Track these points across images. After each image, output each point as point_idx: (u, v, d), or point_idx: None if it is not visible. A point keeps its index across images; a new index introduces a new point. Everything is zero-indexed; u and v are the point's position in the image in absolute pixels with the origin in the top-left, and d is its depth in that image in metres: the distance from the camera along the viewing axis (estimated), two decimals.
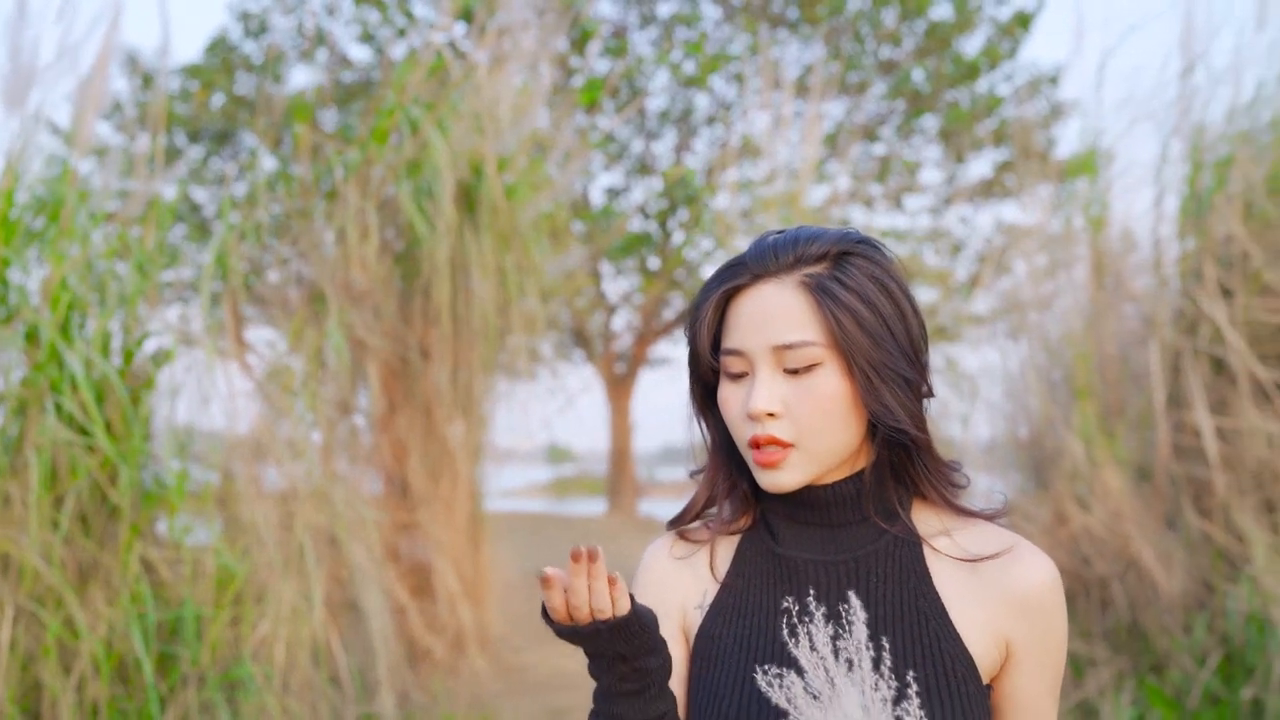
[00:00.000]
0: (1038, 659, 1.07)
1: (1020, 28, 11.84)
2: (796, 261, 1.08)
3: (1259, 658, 4.06)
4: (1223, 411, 4.66)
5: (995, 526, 1.12)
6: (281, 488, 4.13)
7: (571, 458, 25.65)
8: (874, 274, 1.08)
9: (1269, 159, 4.78)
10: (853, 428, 1.08)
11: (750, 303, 1.09)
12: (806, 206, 6.50)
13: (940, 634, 1.05)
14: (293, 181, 5.01)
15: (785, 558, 1.13)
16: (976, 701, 1.04)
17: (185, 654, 3.50)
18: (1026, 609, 1.06)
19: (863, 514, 1.12)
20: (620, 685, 1.03)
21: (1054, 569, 1.09)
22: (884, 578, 1.09)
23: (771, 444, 1.07)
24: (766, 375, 1.07)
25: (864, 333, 1.05)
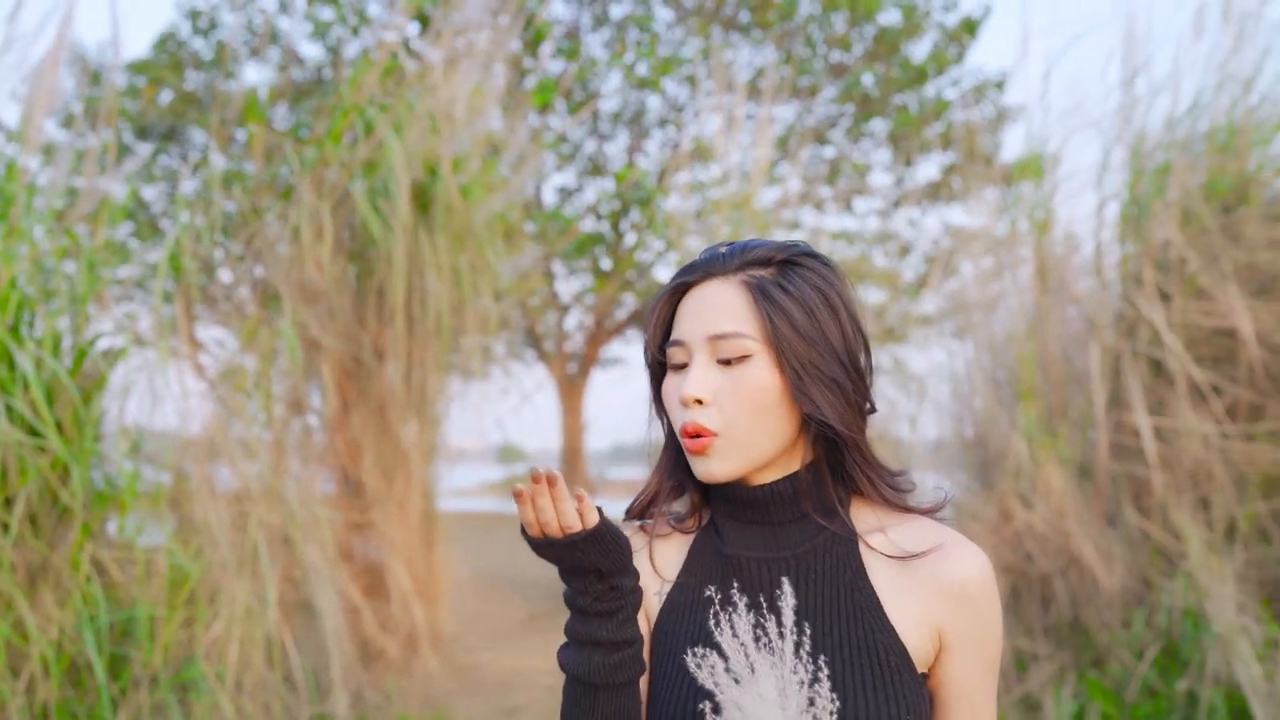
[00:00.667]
0: (971, 649, 1.11)
1: (967, 34, 12.01)
2: (743, 264, 1.14)
3: (1194, 651, 4.18)
4: (1161, 412, 4.78)
5: (931, 521, 1.16)
6: (234, 488, 4.11)
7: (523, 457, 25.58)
8: (816, 284, 1.14)
9: (1205, 167, 4.91)
10: (781, 422, 1.12)
11: (695, 297, 1.15)
12: (758, 208, 6.56)
13: (874, 627, 1.09)
14: (246, 180, 4.98)
15: (730, 556, 1.17)
16: (911, 691, 1.08)
17: (137, 655, 3.48)
18: (958, 601, 1.10)
19: (801, 511, 1.16)
20: (596, 605, 1.09)
21: (985, 562, 1.13)
22: (821, 573, 1.13)
23: (699, 432, 1.11)
24: (701, 364, 1.12)
25: (797, 333, 1.10)
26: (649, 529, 1.24)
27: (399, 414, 5.05)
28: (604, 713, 1.11)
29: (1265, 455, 4.54)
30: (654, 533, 1.24)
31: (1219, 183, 4.83)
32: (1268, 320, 4.55)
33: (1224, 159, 4.92)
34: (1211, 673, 4.04)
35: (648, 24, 11.83)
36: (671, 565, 1.21)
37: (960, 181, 10.68)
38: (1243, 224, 4.77)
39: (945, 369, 5.98)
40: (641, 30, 11.92)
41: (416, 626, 5.05)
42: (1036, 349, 5.23)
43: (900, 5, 11.87)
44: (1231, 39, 4.99)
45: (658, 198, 10.86)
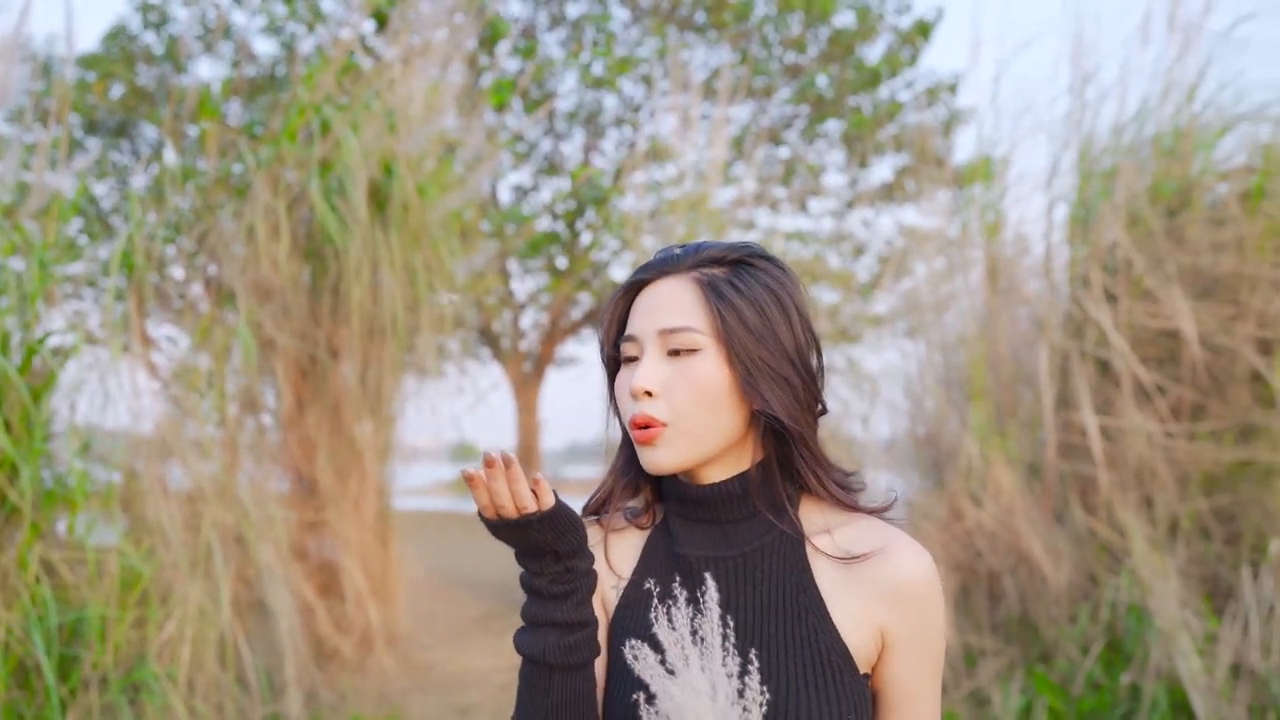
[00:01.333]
0: (914, 648, 1.13)
1: (920, 36, 12.13)
2: (697, 262, 1.17)
3: (1138, 646, 4.27)
4: (1107, 411, 4.87)
5: (878, 521, 1.19)
6: (187, 487, 4.08)
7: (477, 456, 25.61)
8: (768, 284, 1.17)
9: (1151, 171, 5.01)
10: (729, 416, 1.15)
11: (649, 294, 1.18)
12: (713, 208, 6.60)
13: (818, 627, 1.12)
14: (199, 177, 4.94)
15: (681, 555, 1.19)
16: (853, 690, 1.10)
17: (87, 656, 3.45)
18: (901, 601, 1.12)
19: (751, 510, 1.18)
20: (552, 587, 1.11)
21: (929, 563, 1.15)
22: (768, 573, 1.16)
23: (647, 423, 1.14)
24: (651, 357, 1.15)
25: (748, 330, 1.13)
26: (605, 524, 1.26)
27: (354, 413, 5.03)
28: (559, 694, 1.13)
29: (1207, 454, 4.64)
30: (609, 528, 1.26)
31: (1164, 187, 4.93)
32: (1210, 322, 4.65)
33: (1169, 163, 5.02)
34: (1154, 666, 4.14)
35: (604, 24, 11.83)
36: (626, 562, 1.24)
37: (913, 183, 10.80)
38: (1186, 227, 4.87)
39: (898, 369, 6.05)
40: (598, 30, 11.93)
41: (371, 625, 5.04)
42: (987, 349, 5.31)
43: (854, 8, 11.97)
44: (1176, 47, 5.10)
45: (613, 197, 10.87)
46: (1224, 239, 4.76)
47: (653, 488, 1.27)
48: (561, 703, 1.13)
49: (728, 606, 1.14)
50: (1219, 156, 5.03)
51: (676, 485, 1.22)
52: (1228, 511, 4.71)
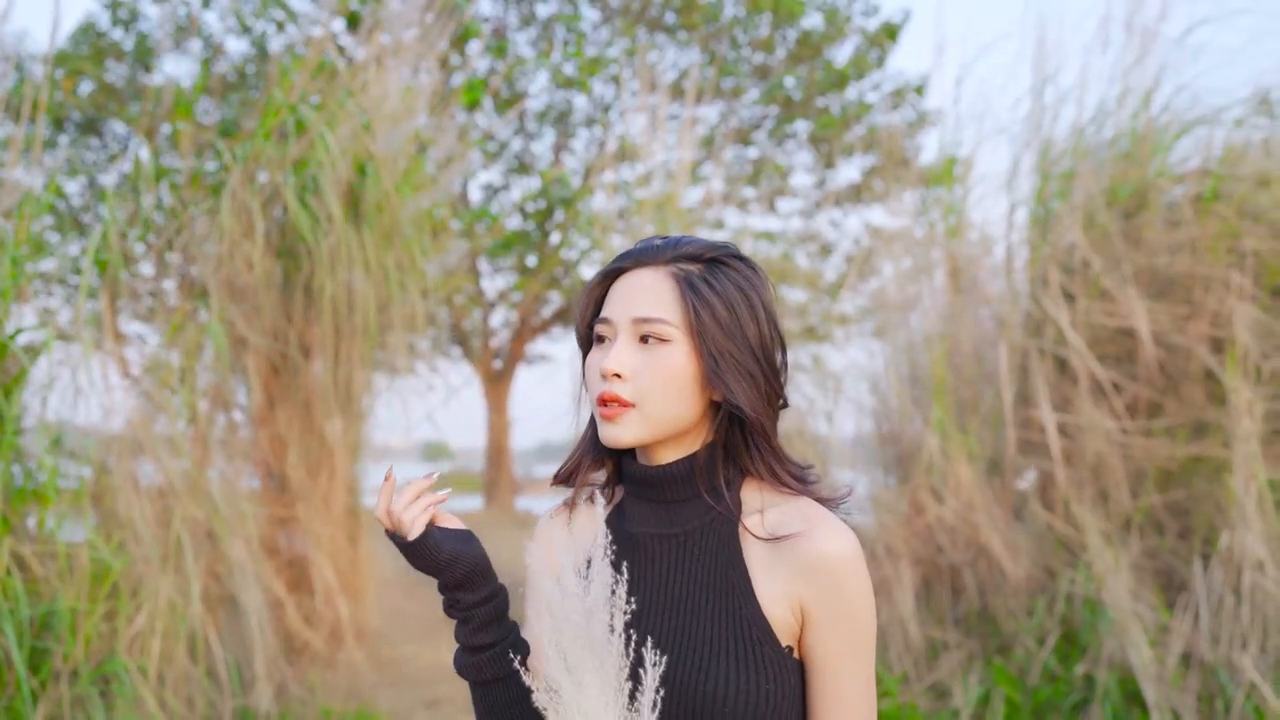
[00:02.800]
0: (831, 623, 1.19)
1: (888, 38, 12.25)
2: (675, 257, 1.25)
3: (1091, 637, 4.37)
4: (1065, 408, 4.97)
5: (812, 504, 1.25)
6: (158, 483, 4.11)
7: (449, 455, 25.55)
8: (739, 283, 1.25)
9: (1108, 173, 5.11)
10: (690, 404, 1.23)
11: (626, 282, 1.26)
12: (682, 208, 6.67)
13: (742, 601, 1.20)
14: (173, 175, 4.97)
15: (631, 533, 1.29)
16: (773, 662, 1.18)
17: (58, 649, 3.48)
18: (818, 577, 1.19)
19: (694, 491, 1.26)
20: (449, 612, 1.26)
21: (849, 543, 1.21)
22: (703, 550, 1.25)
23: (614, 401, 1.22)
24: (623, 342, 1.23)
25: (718, 325, 1.21)
26: (570, 503, 1.37)
27: (324, 410, 5.07)
28: (486, 703, 1.26)
29: (1162, 450, 4.75)
30: (572, 503, 1.37)
31: (1121, 189, 5.04)
32: (1164, 321, 4.76)
33: (1126, 166, 5.13)
34: (1107, 657, 4.24)
35: (574, 24, 11.88)
36: (585, 535, 1.34)
37: (881, 183, 10.91)
38: (1143, 229, 4.98)
39: (863, 368, 6.15)
40: (568, 30, 11.97)
41: (341, 621, 5.08)
42: (949, 347, 5.41)
43: (822, 9, 12.07)
44: (1133, 52, 5.21)
45: (582, 198, 10.93)
46: (1179, 240, 4.88)
47: (614, 466, 1.35)
48: (491, 709, 1.26)
49: (668, 580, 1.24)
50: (1174, 159, 5.14)
51: (630, 466, 1.30)
52: (1181, 506, 4.83)
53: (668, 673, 1.17)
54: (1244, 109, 5.01)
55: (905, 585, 4.92)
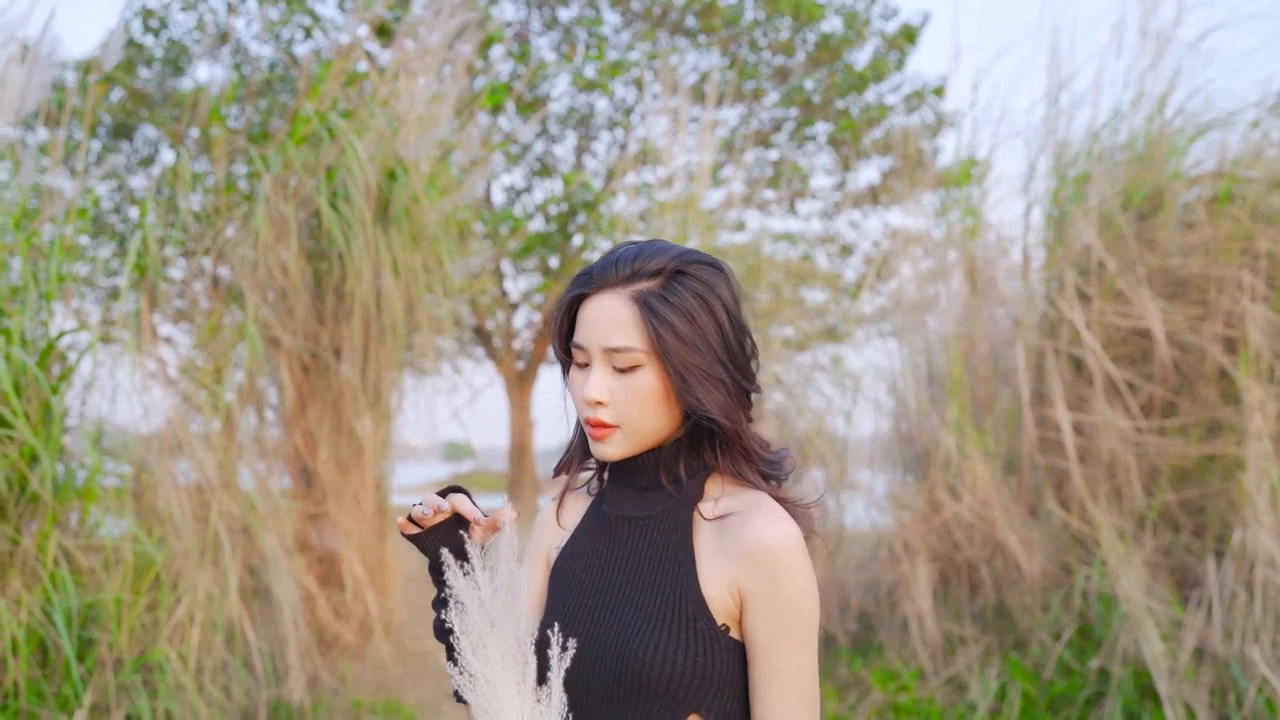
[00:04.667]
0: (764, 605, 1.29)
1: (907, 41, 12.30)
2: (633, 275, 1.33)
3: (1106, 632, 4.45)
4: (1080, 408, 5.05)
5: (764, 496, 1.35)
6: (195, 479, 4.25)
7: (470, 455, 25.70)
8: (699, 292, 1.33)
9: (1123, 176, 5.19)
10: (668, 415, 1.35)
11: (591, 308, 1.35)
12: (703, 209, 6.77)
13: (683, 580, 1.32)
14: (205, 180, 5.11)
15: (607, 514, 1.42)
16: (705, 637, 1.29)
17: (103, 638, 3.61)
18: (752, 560, 1.29)
19: (658, 480, 1.38)
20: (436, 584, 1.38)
21: (786, 531, 1.30)
22: (661, 532, 1.36)
23: (599, 426, 1.34)
24: (598, 370, 1.34)
25: (680, 341, 1.30)
26: (568, 486, 1.50)
27: (354, 409, 5.19)
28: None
29: (1176, 449, 4.83)
30: (569, 488, 1.51)
31: (1135, 191, 5.11)
32: (1179, 321, 4.83)
33: (1140, 169, 5.20)
34: (1121, 651, 4.32)
35: (596, 28, 11.98)
36: (573, 517, 1.49)
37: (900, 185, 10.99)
38: (1157, 230, 5.05)
39: (882, 368, 6.24)
40: (590, 34, 12.08)
41: (370, 615, 5.20)
42: (966, 348, 5.49)
43: (842, 13, 12.14)
44: (1148, 57, 5.28)
45: (604, 200, 11.04)
46: (1193, 242, 4.95)
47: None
48: None
49: (627, 559, 1.37)
50: (1189, 162, 5.22)
51: None
52: (1195, 504, 4.89)
53: (611, 639, 1.30)
54: (1258, 112, 5.08)
55: (923, 581, 5.01)
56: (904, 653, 5.11)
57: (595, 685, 1.30)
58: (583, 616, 1.35)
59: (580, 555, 1.42)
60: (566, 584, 1.41)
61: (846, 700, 4.90)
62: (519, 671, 1.24)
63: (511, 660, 1.24)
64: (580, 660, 1.30)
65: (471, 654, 1.24)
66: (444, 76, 5.77)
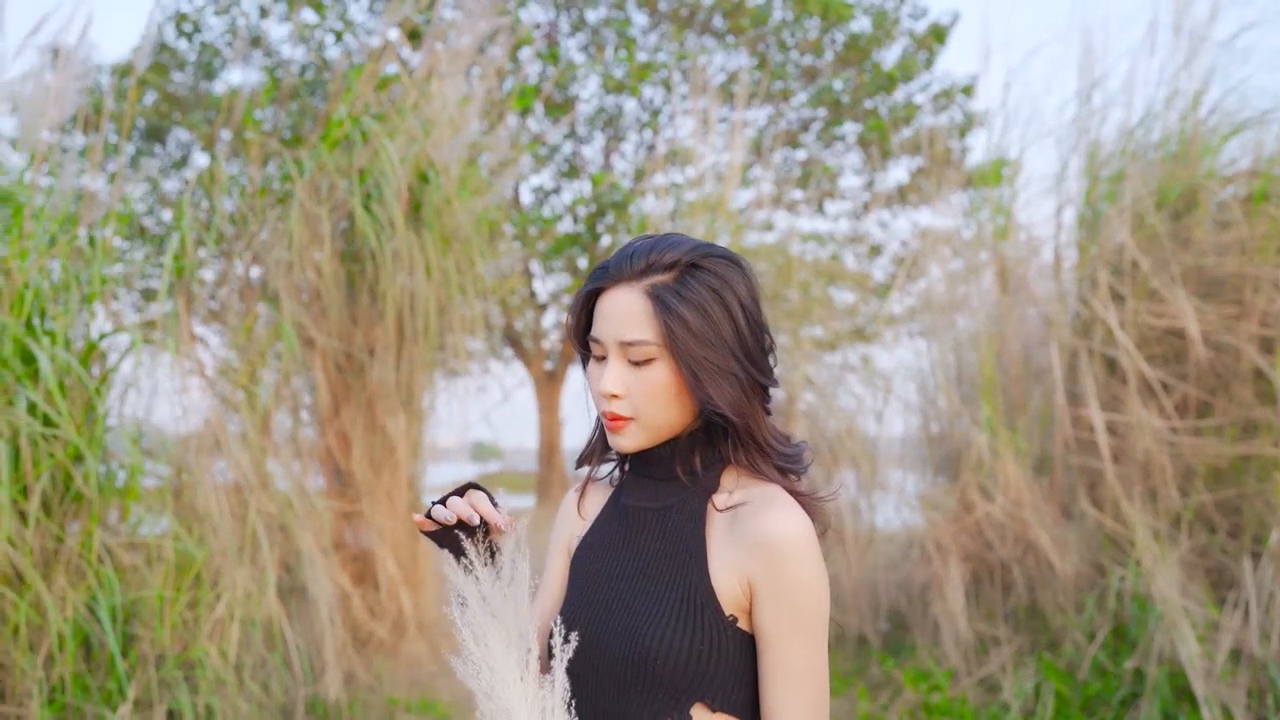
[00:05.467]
0: (772, 597, 1.29)
1: (936, 41, 12.26)
2: (648, 269, 1.34)
3: (1141, 632, 4.43)
4: (1114, 408, 5.03)
5: (777, 489, 1.36)
6: (233, 479, 4.30)
7: (498, 455, 25.83)
8: (713, 285, 1.33)
9: (1157, 175, 5.16)
10: (683, 408, 1.36)
11: (608, 302, 1.36)
12: (731, 210, 6.78)
13: (693, 569, 1.33)
14: (240, 182, 5.16)
15: (624, 504, 1.45)
16: (713, 626, 1.30)
17: (145, 634, 3.67)
18: (761, 552, 1.30)
19: (674, 471, 1.40)
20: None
21: (796, 524, 1.30)
22: (675, 521, 1.38)
23: (615, 417, 1.36)
24: (614, 363, 1.35)
25: (692, 336, 1.31)
26: (589, 478, 1.54)
27: (387, 409, 5.24)
28: None
29: (1211, 449, 4.80)
30: (591, 480, 1.54)
31: (1169, 190, 5.08)
32: (1214, 321, 4.80)
33: (1174, 168, 5.17)
34: (1157, 652, 4.30)
35: (624, 29, 12.01)
36: (593, 508, 1.51)
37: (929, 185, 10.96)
38: (1191, 229, 5.02)
39: (912, 368, 6.23)
40: (619, 35, 12.10)
41: (403, 613, 5.24)
42: (997, 347, 5.48)
43: (870, 12, 12.11)
44: (1182, 55, 5.25)
45: (633, 201, 11.06)
46: (1228, 241, 4.91)
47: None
48: None
49: (643, 547, 1.39)
50: (1223, 161, 5.18)
51: None
52: (1231, 504, 4.86)
53: (621, 628, 1.32)
54: None
55: (955, 581, 5.00)
56: (936, 653, 5.11)
57: (605, 672, 1.33)
58: (596, 605, 1.37)
59: (598, 545, 1.44)
60: (584, 573, 1.43)
61: (879, 700, 4.90)
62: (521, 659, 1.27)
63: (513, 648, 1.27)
64: (591, 648, 1.33)
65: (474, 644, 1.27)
66: (473, 78, 5.81)
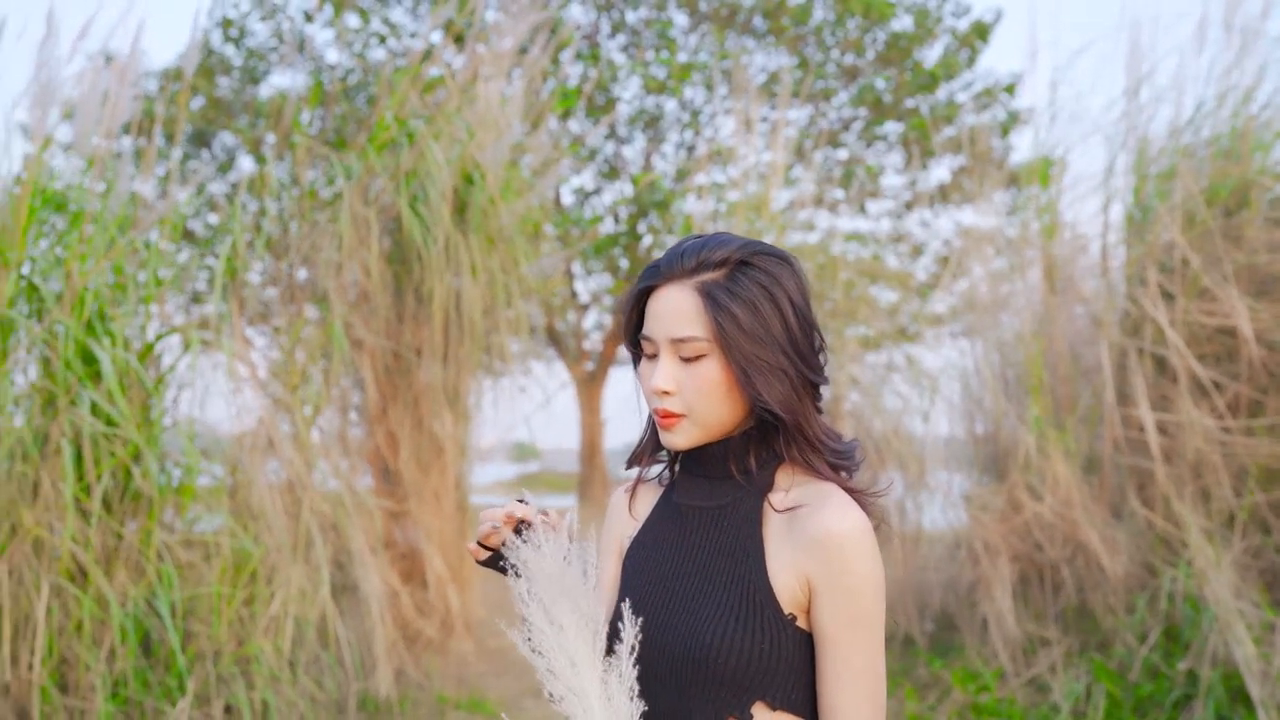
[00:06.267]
0: (830, 594, 1.30)
1: (978, 39, 12.18)
2: (698, 266, 1.35)
3: (1194, 633, 4.39)
4: (1164, 407, 4.98)
5: (833, 488, 1.36)
6: (286, 478, 4.36)
7: (537, 455, 25.90)
8: (763, 282, 1.34)
9: (1207, 172, 5.11)
10: (734, 405, 1.36)
11: (659, 300, 1.37)
12: (773, 210, 6.78)
13: (751, 568, 1.33)
14: (292, 187, 5.23)
15: (677, 503, 1.45)
16: (773, 625, 1.30)
17: (202, 630, 3.73)
18: (819, 550, 1.30)
19: (728, 470, 1.40)
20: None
21: (853, 522, 1.30)
22: (730, 520, 1.38)
23: (667, 414, 1.37)
24: (665, 360, 1.36)
25: (742, 332, 1.32)
26: (639, 478, 1.54)
27: (434, 409, 5.29)
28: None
29: (1264, 448, 4.74)
30: (640, 480, 1.54)
31: (1221, 187, 5.03)
32: (1267, 319, 4.75)
33: (1225, 164, 5.12)
34: (1210, 654, 4.26)
35: (665, 29, 12.02)
36: (644, 508, 1.52)
37: (971, 184, 10.89)
38: (1243, 227, 4.97)
39: (956, 367, 6.20)
40: (660, 36, 12.12)
41: (451, 611, 5.29)
42: (1044, 346, 5.45)
43: (912, 11, 12.06)
44: (1233, 52, 5.20)
45: (675, 200, 11.07)
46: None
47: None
48: None
49: (698, 546, 1.39)
50: (1276, 158, 5.12)
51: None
52: None
53: (680, 626, 1.33)
54: None
55: (1004, 581, 4.98)
56: (984, 653, 5.09)
57: (663, 671, 1.33)
58: (652, 604, 1.37)
59: (651, 544, 1.45)
60: (637, 572, 1.43)
61: (926, 700, 4.89)
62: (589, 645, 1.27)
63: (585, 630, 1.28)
64: (649, 646, 1.33)
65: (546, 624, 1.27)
66: (515, 80, 5.85)
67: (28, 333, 3.71)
